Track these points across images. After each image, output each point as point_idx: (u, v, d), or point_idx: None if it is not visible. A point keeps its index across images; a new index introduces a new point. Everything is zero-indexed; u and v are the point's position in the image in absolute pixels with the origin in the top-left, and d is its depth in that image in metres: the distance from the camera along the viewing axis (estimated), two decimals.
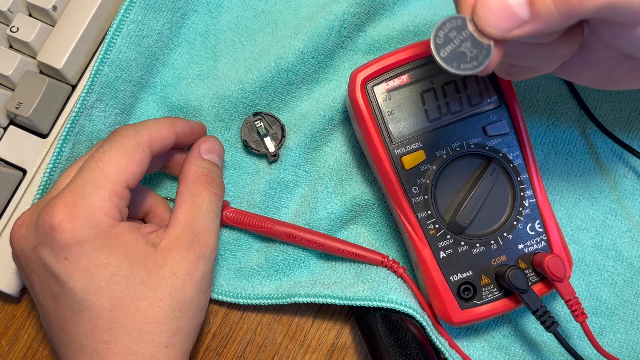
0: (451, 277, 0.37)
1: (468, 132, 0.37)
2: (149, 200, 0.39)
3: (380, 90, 0.37)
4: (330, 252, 0.40)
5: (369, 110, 0.37)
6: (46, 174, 0.38)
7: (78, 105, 0.38)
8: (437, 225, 0.37)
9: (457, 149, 0.37)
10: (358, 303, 0.37)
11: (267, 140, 0.41)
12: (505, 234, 0.37)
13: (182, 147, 0.39)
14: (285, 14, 0.43)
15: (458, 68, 0.26)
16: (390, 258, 0.40)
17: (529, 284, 0.36)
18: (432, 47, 0.25)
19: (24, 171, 0.40)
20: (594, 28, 0.27)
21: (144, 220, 0.40)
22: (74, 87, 0.41)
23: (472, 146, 0.37)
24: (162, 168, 0.40)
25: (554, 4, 0.23)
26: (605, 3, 0.23)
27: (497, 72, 0.33)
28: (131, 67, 0.39)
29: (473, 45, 0.25)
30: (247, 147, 0.42)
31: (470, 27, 0.25)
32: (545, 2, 0.23)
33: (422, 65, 0.37)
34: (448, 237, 0.37)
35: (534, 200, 0.37)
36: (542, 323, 0.36)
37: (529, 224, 0.37)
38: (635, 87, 0.31)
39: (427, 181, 0.37)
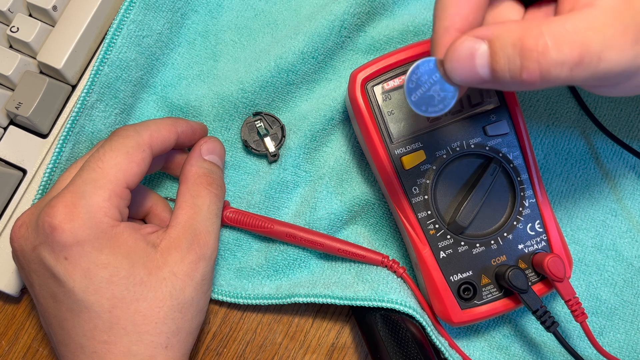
0: (451, 277, 0.37)
1: (468, 132, 0.37)
2: (149, 201, 0.39)
3: (380, 90, 0.37)
4: (330, 252, 0.40)
5: (369, 110, 0.37)
6: (46, 174, 0.38)
7: (78, 105, 0.38)
8: (437, 225, 0.37)
9: (457, 149, 0.37)
10: (358, 303, 0.37)
11: (267, 140, 0.41)
12: (505, 234, 0.37)
13: (183, 147, 0.39)
14: (285, 14, 0.43)
15: (426, 111, 0.29)
16: (390, 258, 0.40)
17: (529, 284, 0.36)
18: (405, 90, 0.28)
19: (24, 171, 0.40)
20: None
21: (144, 220, 0.40)
22: (74, 87, 0.41)
23: (472, 146, 0.37)
24: (162, 168, 0.40)
25: (509, 76, 0.25)
26: (559, 80, 0.25)
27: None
28: (131, 67, 0.39)
29: (441, 88, 0.28)
30: (247, 147, 0.42)
31: (440, 71, 0.28)
32: (503, 72, 0.25)
33: None
34: (448, 237, 0.37)
35: (534, 200, 0.37)
36: (542, 323, 0.36)
37: (529, 224, 0.37)
38: None
39: (427, 181, 0.37)
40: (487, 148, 0.37)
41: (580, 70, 0.24)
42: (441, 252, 0.37)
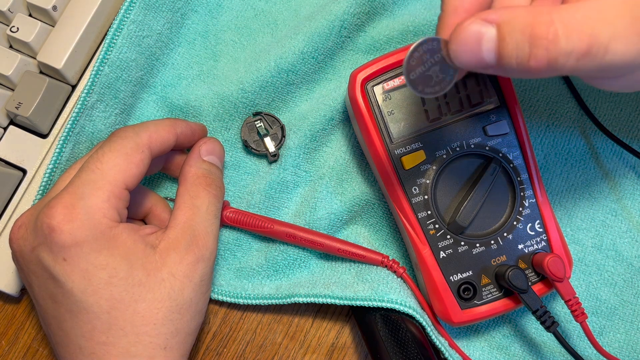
0: (451, 277, 0.37)
1: (468, 132, 0.37)
2: (149, 201, 0.39)
3: (380, 90, 0.37)
4: (330, 252, 0.40)
5: (369, 110, 0.37)
6: (47, 175, 0.38)
7: (78, 106, 0.38)
8: (437, 225, 0.37)
9: (457, 149, 0.37)
10: (358, 303, 0.37)
11: (267, 140, 0.41)
12: (505, 234, 0.37)
13: (183, 148, 0.39)
14: (285, 14, 0.43)
15: (422, 92, 0.28)
16: (390, 258, 0.40)
17: (529, 284, 0.36)
18: (405, 67, 0.27)
19: (24, 171, 0.40)
20: None
21: (144, 221, 0.40)
22: (74, 87, 0.41)
23: (472, 146, 0.37)
24: (162, 169, 0.40)
25: (516, 63, 0.25)
26: (565, 70, 0.24)
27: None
28: (131, 67, 0.39)
29: (440, 70, 0.27)
30: (247, 147, 0.42)
31: (443, 51, 0.27)
32: (510, 59, 0.25)
33: None
34: (448, 237, 0.37)
35: (534, 200, 0.37)
36: (542, 323, 0.36)
37: (529, 224, 0.37)
38: None
39: (427, 181, 0.37)
40: (487, 148, 0.37)
41: (586, 60, 0.24)
42: (441, 252, 0.37)
